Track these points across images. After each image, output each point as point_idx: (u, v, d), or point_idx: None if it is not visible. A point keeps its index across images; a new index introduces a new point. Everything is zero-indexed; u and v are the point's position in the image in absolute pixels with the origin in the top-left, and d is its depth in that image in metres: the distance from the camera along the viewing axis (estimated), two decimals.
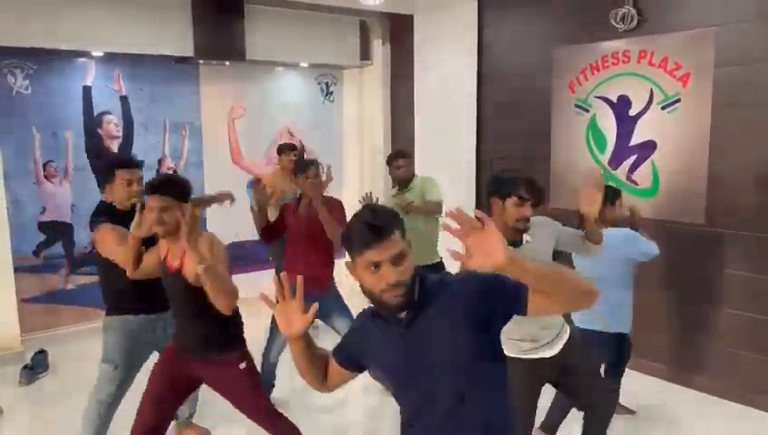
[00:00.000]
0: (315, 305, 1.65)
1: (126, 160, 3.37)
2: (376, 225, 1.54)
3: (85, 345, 5.26)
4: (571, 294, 1.50)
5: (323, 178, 3.82)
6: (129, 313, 3.14)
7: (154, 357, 3.11)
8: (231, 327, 2.72)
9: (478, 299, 1.57)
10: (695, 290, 4.16)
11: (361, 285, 1.59)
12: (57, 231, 5.37)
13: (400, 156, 4.44)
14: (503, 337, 1.68)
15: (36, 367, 4.66)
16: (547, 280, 1.45)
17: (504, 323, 1.63)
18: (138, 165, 3.25)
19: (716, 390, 4.10)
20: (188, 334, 2.73)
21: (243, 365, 2.70)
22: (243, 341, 2.78)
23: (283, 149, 5.36)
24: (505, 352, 2.60)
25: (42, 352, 4.80)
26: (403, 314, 1.61)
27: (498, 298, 1.57)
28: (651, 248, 3.33)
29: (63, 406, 4.12)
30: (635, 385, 4.23)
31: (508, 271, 1.37)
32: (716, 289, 4.05)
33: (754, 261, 3.85)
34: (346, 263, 1.63)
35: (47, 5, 4.79)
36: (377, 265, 1.53)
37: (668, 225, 4.16)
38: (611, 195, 3.36)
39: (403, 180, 4.42)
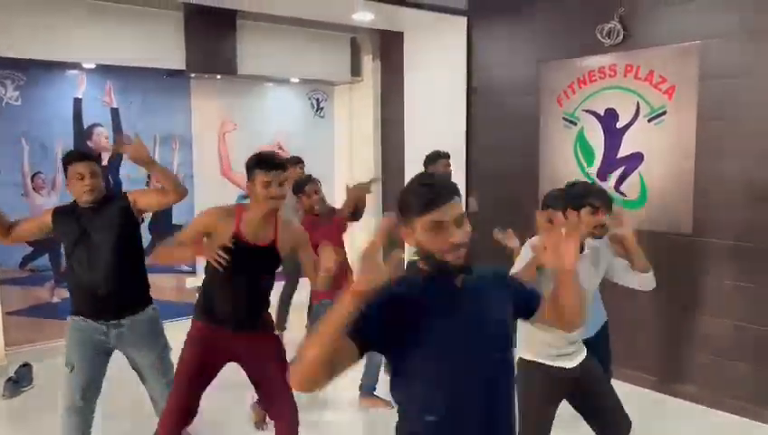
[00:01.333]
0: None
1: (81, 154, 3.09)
2: (439, 186, 1.58)
3: None
4: (581, 313, 1.74)
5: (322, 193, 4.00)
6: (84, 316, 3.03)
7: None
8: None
9: (512, 289, 1.73)
10: (682, 300, 4.19)
11: (421, 249, 1.59)
12: (44, 243, 5.32)
13: (446, 156, 4.57)
14: (533, 338, 1.81)
15: (20, 380, 4.58)
16: (577, 298, 1.69)
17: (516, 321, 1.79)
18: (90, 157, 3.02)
19: (704, 399, 4.11)
20: (244, 308, 2.84)
21: (277, 333, 2.95)
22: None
23: (290, 162, 5.37)
24: (529, 356, 2.63)
25: (26, 366, 4.72)
26: (458, 279, 1.61)
27: (521, 298, 1.74)
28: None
29: (47, 420, 4.01)
30: (622, 395, 4.22)
31: (566, 277, 1.66)
32: (704, 299, 4.08)
33: (741, 270, 3.89)
34: (401, 229, 1.62)
35: (38, 17, 4.81)
36: (440, 226, 1.54)
37: (656, 235, 4.20)
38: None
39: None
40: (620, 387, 4.26)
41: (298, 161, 5.40)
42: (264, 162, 2.70)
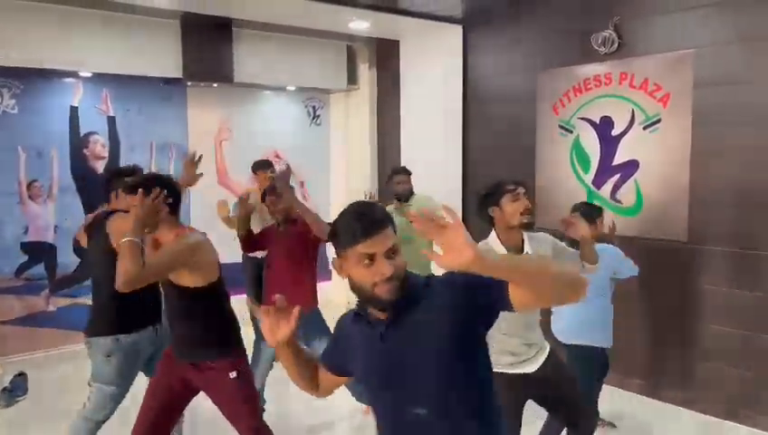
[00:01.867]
0: (297, 308, 1.61)
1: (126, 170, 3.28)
2: (370, 217, 1.52)
3: (65, 368, 5.17)
4: (556, 285, 1.45)
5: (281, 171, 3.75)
6: (137, 329, 3.04)
7: None
8: (216, 330, 2.67)
9: (462, 298, 1.53)
10: (677, 306, 4.21)
11: (351, 281, 1.56)
12: (40, 252, 5.31)
13: (402, 172, 4.73)
14: (490, 348, 1.66)
15: (15, 390, 4.55)
16: (522, 273, 1.40)
17: (490, 323, 1.58)
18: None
19: (698, 405, 4.11)
20: (177, 338, 2.70)
21: (233, 374, 2.63)
22: (233, 346, 2.71)
23: (259, 166, 5.11)
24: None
25: (21, 375, 4.70)
26: (384, 316, 1.57)
27: (482, 296, 1.51)
28: (633, 268, 3.47)
29: (42, 429, 4.02)
30: (615, 401, 4.25)
31: (477, 268, 1.31)
32: (698, 305, 4.10)
33: (736, 277, 3.91)
34: (333, 260, 1.60)
35: (36, 25, 4.82)
36: (371, 259, 1.50)
37: (652, 242, 4.22)
38: (595, 213, 3.38)
39: (403, 195, 4.68)
40: (614, 392, 4.33)
41: (269, 165, 5.11)
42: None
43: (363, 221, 1.51)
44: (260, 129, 6.53)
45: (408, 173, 4.74)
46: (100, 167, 5.55)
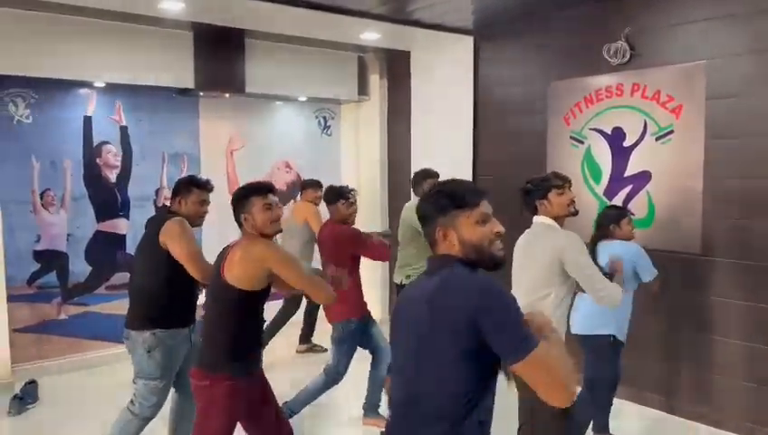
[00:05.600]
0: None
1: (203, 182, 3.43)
2: (477, 187, 1.78)
3: (75, 376, 5.19)
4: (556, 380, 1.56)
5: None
6: (177, 325, 3.21)
7: None
8: (232, 340, 2.65)
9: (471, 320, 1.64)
10: (691, 319, 4.16)
11: (467, 243, 1.69)
12: (52, 260, 5.34)
13: (436, 176, 4.71)
14: None
15: (26, 397, 4.57)
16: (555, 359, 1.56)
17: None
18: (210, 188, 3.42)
19: (712, 419, 4.06)
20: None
21: (206, 382, 2.60)
22: (230, 362, 2.63)
23: (311, 185, 5.61)
24: None
25: (32, 383, 4.72)
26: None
27: (491, 338, 1.59)
28: (652, 270, 3.55)
29: None
30: (630, 415, 4.20)
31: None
32: (712, 318, 4.05)
33: (751, 290, 3.86)
34: (440, 224, 1.70)
35: (51, 36, 4.88)
36: (485, 220, 1.70)
37: (664, 254, 4.17)
38: (617, 215, 3.64)
39: None
40: (628, 407, 4.28)
41: (320, 184, 5.45)
42: (259, 188, 2.70)
43: (476, 188, 1.77)
44: (271, 139, 6.55)
45: (436, 176, 4.75)
46: (112, 176, 5.58)
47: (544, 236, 2.85)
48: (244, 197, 2.68)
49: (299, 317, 5.72)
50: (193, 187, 3.33)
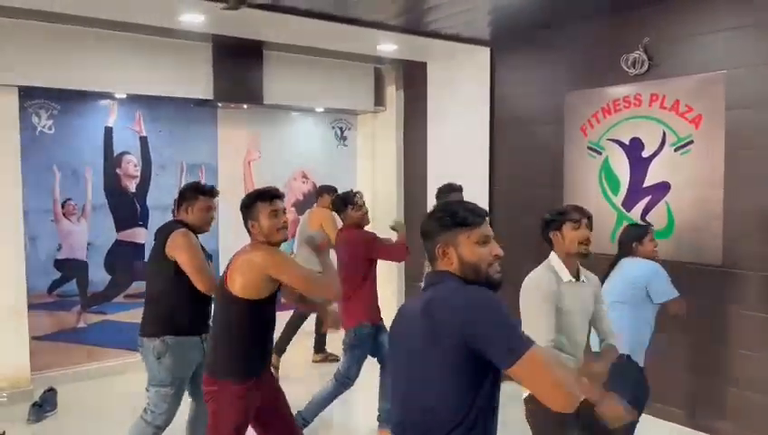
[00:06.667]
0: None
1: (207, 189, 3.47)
2: (480, 208, 1.80)
3: (94, 384, 5.23)
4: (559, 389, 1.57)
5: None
6: (186, 333, 3.23)
7: None
8: (233, 347, 2.69)
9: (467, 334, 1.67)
10: (712, 332, 4.09)
11: (465, 262, 1.71)
12: (73, 269, 5.40)
13: (459, 190, 4.69)
14: None
15: (45, 405, 4.62)
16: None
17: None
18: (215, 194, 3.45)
19: (732, 434, 3.98)
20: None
21: (214, 388, 2.65)
22: (234, 368, 2.67)
23: (326, 190, 5.71)
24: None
25: (51, 391, 4.77)
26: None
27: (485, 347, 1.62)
28: (670, 291, 3.39)
29: None
30: (652, 431, 4.12)
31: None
32: (734, 331, 3.98)
33: None
34: (440, 241, 1.73)
35: (74, 49, 4.98)
36: (485, 241, 1.73)
37: (684, 266, 4.12)
38: (639, 233, 3.58)
39: None
40: (650, 422, 4.20)
41: (335, 190, 5.49)
42: (263, 194, 2.72)
43: (479, 209, 1.78)
44: (288, 149, 6.60)
45: (462, 190, 4.73)
46: (131, 186, 5.66)
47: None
48: (250, 204, 2.70)
49: (311, 326, 5.72)
50: (198, 194, 3.35)
